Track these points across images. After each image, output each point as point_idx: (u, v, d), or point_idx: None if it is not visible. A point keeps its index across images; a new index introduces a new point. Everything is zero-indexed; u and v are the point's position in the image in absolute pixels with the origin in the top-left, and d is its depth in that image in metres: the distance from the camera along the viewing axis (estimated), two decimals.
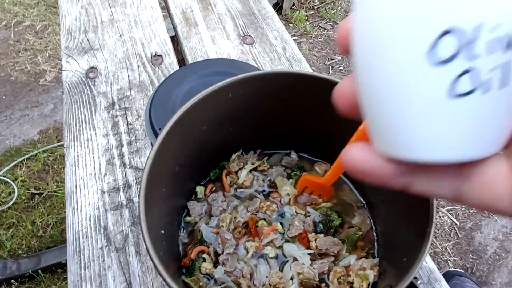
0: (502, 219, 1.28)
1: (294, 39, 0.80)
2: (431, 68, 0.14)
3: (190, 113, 0.40)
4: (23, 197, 1.34)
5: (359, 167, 0.19)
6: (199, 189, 0.50)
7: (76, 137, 0.65)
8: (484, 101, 0.15)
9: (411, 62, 0.15)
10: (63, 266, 1.18)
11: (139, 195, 0.32)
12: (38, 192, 1.37)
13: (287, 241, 0.46)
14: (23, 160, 1.43)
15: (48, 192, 1.37)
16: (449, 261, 1.19)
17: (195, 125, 0.43)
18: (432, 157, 0.17)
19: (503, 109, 0.15)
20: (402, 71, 0.15)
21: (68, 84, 0.71)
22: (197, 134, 0.44)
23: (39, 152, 1.44)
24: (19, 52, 1.77)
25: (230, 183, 0.51)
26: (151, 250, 0.30)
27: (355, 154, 0.19)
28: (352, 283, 0.42)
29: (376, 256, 0.45)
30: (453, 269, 1.13)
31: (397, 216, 0.41)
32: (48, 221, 1.31)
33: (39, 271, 1.16)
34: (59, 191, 1.35)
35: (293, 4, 1.96)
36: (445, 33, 0.14)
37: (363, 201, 0.49)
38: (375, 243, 0.46)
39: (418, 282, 0.30)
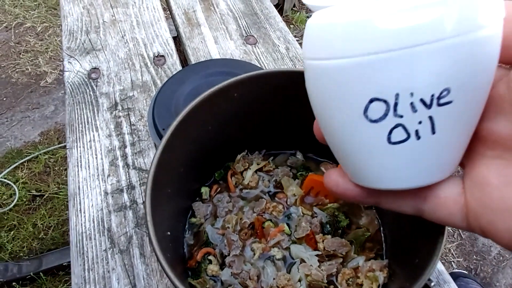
0: None
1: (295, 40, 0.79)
2: (369, 124, 0.18)
3: (195, 113, 0.39)
4: (24, 199, 1.34)
5: (334, 189, 0.23)
6: (204, 190, 0.50)
7: (79, 138, 0.64)
8: (420, 144, 0.18)
9: (354, 121, 0.18)
10: (64, 268, 1.18)
11: (145, 196, 0.32)
12: (39, 194, 1.37)
13: (294, 242, 0.46)
14: (24, 162, 1.42)
15: (50, 194, 1.36)
16: (453, 262, 1.19)
17: (199, 125, 0.42)
18: (388, 186, 0.20)
19: (439, 148, 0.18)
20: (350, 127, 0.19)
21: (70, 85, 0.71)
22: (202, 134, 0.43)
23: (40, 154, 1.43)
24: (20, 53, 1.77)
25: (236, 183, 0.50)
26: (159, 252, 0.30)
27: (332, 178, 0.23)
28: (362, 285, 0.41)
29: (385, 257, 0.44)
30: (457, 270, 1.12)
31: (406, 216, 0.41)
32: (50, 223, 1.30)
33: (41, 273, 1.16)
34: (61, 193, 1.35)
35: (294, 5, 1.96)
36: (372, 100, 0.17)
37: None
38: (384, 244, 0.45)
39: (432, 284, 0.29)
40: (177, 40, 0.83)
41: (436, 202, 0.20)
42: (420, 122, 0.17)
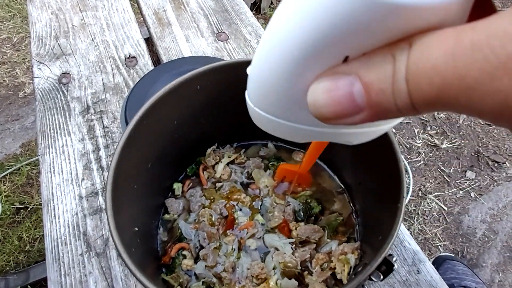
0: (489, 202, 1.30)
1: None
2: None
3: (157, 107, 0.39)
4: (8, 213, 1.31)
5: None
6: (177, 186, 0.49)
7: (51, 143, 0.63)
8: None
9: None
10: None
11: (105, 191, 0.31)
12: (23, 206, 1.34)
13: (268, 231, 0.46)
14: (6, 175, 1.40)
15: (34, 205, 1.34)
16: (439, 246, 1.20)
17: (164, 119, 0.42)
18: None
19: None
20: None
21: (41, 91, 0.70)
22: (168, 129, 0.43)
23: (22, 166, 1.41)
24: None
25: (208, 177, 0.50)
26: (120, 246, 0.29)
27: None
28: (335, 268, 0.41)
29: (358, 240, 0.44)
30: (443, 253, 1.13)
31: (372, 196, 0.41)
32: (35, 235, 1.28)
33: (28, 286, 1.13)
34: None
35: (272, 3, 1.96)
36: None
37: (342, 186, 0.49)
38: (356, 227, 0.45)
39: (394, 259, 0.29)
40: (149, 41, 0.83)
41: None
42: None
